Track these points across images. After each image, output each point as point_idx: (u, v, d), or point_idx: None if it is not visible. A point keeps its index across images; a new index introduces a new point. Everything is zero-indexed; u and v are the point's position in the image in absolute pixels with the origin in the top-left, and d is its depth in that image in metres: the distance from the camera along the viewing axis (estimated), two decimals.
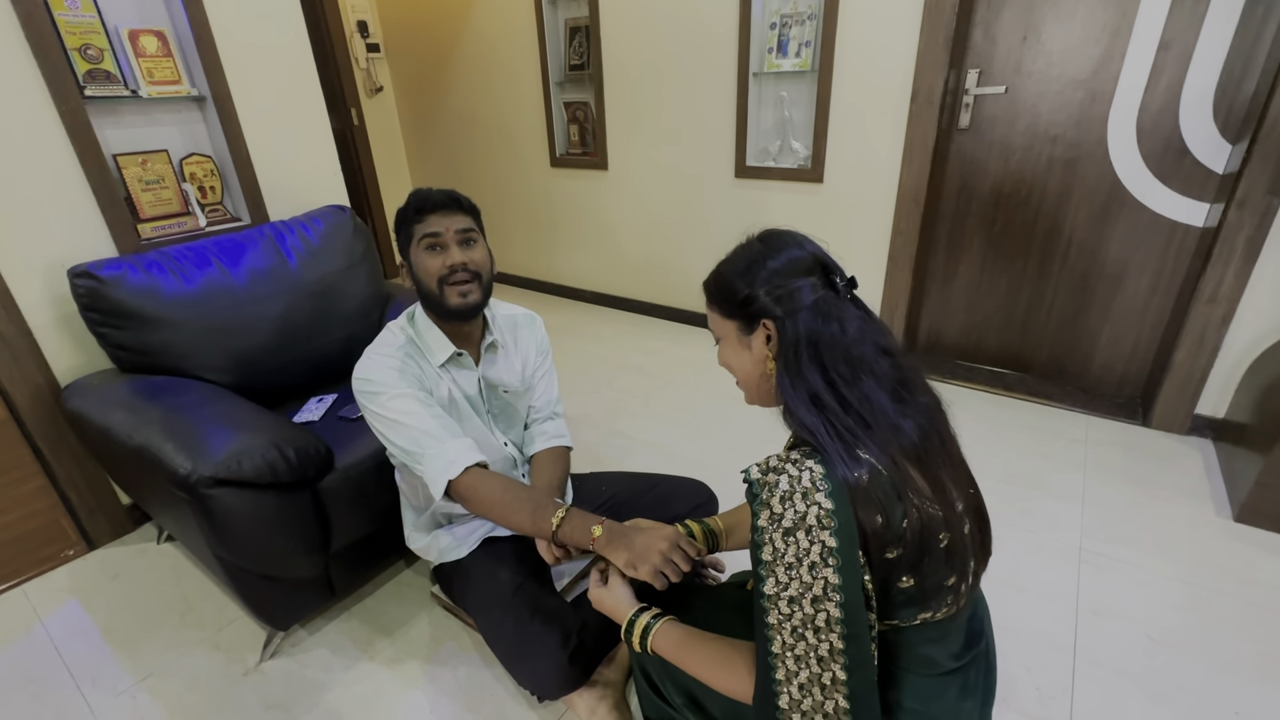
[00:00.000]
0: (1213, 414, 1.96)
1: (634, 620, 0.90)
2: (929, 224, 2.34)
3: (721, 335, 0.82)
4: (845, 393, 0.69)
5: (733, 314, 0.78)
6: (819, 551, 0.64)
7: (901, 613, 0.72)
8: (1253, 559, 1.50)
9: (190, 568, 1.61)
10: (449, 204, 1.10)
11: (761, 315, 0.74)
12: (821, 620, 0.65)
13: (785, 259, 0.75)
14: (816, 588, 0.65)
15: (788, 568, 0.66)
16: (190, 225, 1.73)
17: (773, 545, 0.66)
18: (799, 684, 0.68)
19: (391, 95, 3.82)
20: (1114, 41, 1.89)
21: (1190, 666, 1.24)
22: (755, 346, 0.77)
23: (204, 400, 1.34)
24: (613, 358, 2.76)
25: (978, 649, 0.82)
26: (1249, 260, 1.75)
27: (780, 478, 0.67)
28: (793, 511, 0.65)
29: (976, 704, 0.82)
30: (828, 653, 0.66)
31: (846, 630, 0.65)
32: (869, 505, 0.65)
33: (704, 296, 0.84)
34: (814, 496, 0.64)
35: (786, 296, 0.72)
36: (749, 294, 0.75)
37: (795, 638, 0.67)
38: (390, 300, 1.88)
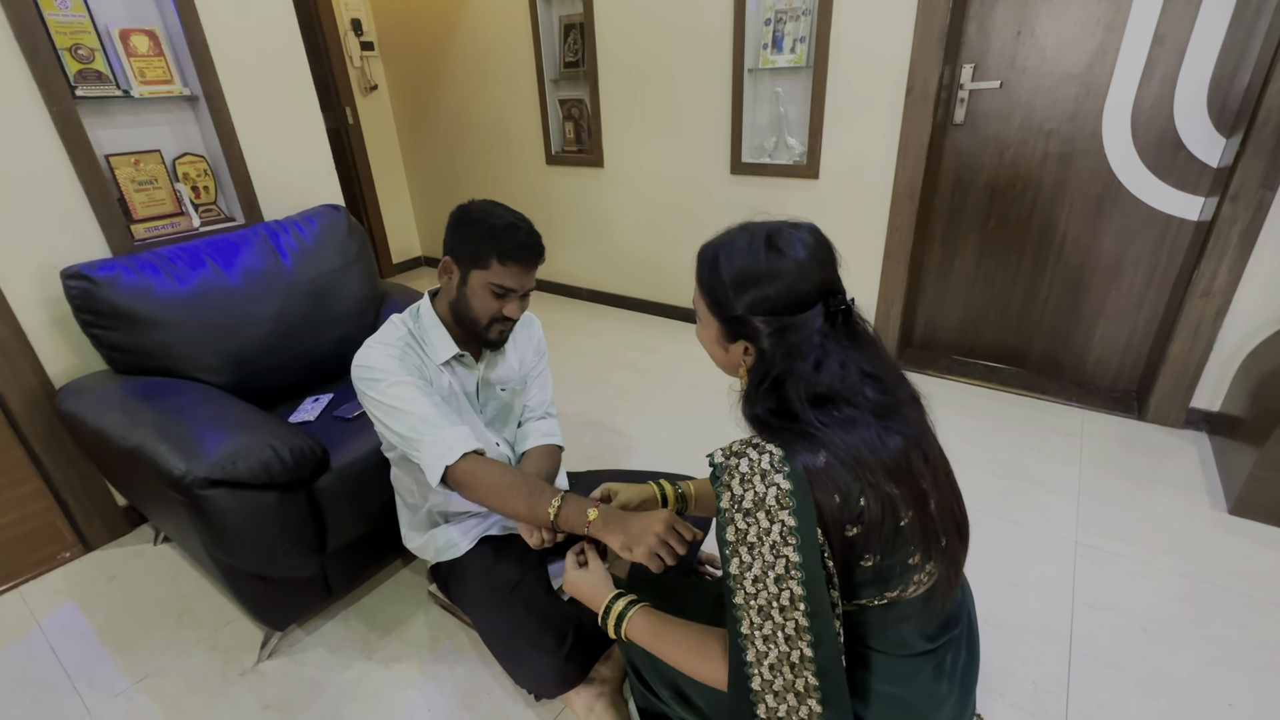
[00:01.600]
0: (1208, 407, 1.97)
1: (610, 606, 0.90)
2: (924, 219, 2.34)
3: (703, 319, 0.82)
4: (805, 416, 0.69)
5: (719, 317, 0.78)
6: (779, 531, 0.66)
7: (866, 591, 0.73)
8: (1247, 551, 1.51)
9: (187, 568, 1.61)
10: (537, 261, 1.09)
11: (746, 338, 0.76)
12: (786, 599, 0.67)
13: (785, 288, 0.72)
14: (779, 566, 0.67)
15: (750, 548, 0.68)
16: (184, 226, 1.73)
17: (735, 525, 0.69)
18: (769, 664, 0.70)
19: (386, 93, 3.81)
20: (1108, 36, 1.89)
21: (1184, 659, 1.25)
22: (732, 352, 0.79)
23: (198, 401, 1.34)
24: (609, 355, 2.76)
25: (954, 632, 0.83)
26: (1243, 253, 1.75)
27: (741, 460, 0.69)
28: (752, 493, 0.67)
29: (954, 687, 0.82)
30: (794, 630, 0.68)
31: (810, 608, 0.67)
32: (826, 486, 0.66)
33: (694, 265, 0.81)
34: (772, 478, 0.67)
35: (775, 333, 0.72)
36: (740, 316, 0.74)
37: (762, 617, 0.69)
38: (385, 299, 1.88)
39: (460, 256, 1.08)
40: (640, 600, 0.90)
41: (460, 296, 1.10)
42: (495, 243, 1.05)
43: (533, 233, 1.09)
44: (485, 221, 1.06)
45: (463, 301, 1.10)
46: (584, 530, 0.95)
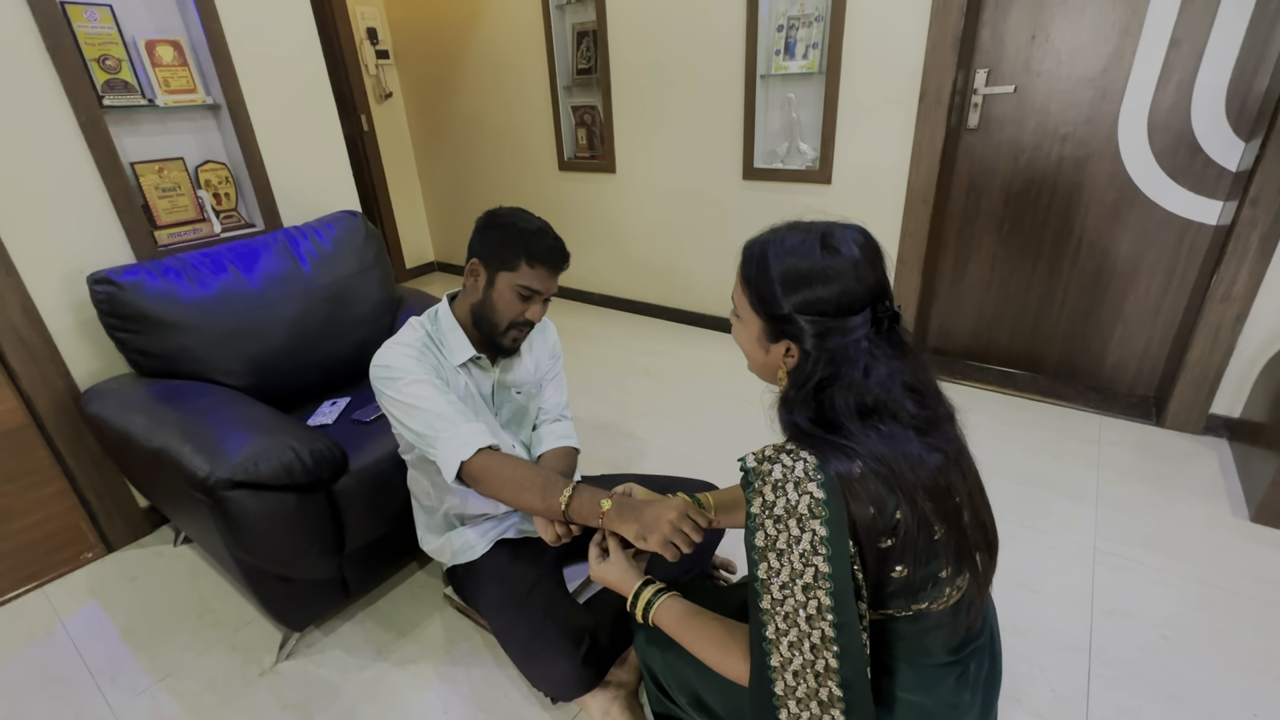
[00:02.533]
0: (1228, 413, 1.94)
1: (639, 592, 0.91)
2: (938, 224, 2.33)
3: (745, 318, 0.78)
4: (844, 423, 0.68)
5: (763, 315, 0.75)
6: (810, 540, 0.66)
7: (894, 602, 0.73)
8: (1269, 559, 1.49)
9: (207, 569, 1.63)
10: (563, 265, 1.13)
11: (791, 338, 0.73)
12: (813, 608, 0.67)
13: (839, 290, 0.70)
14: (807, 575, 0.66)
15: (779, 554, 0.67)
16: (206, 231, 1.76)
17: (764, 531, 0.68)
18: (792, 671, 0.70)
19: (401, 101, 3.86)
20: (1124, 39, 1.89)
21: (1206, 667, 1.23)
22: (773, 353, 0.77)
23: (221, 403, 1.36)
24: (621, 360, 2.77)
25: (977, 643, 0.82)
26: (1263, 258, 1.73)
27: (775, 466, 0.68)
28: (785, 500, 0.67)
29: (977, 697, 0.81)
30: (819, 640, 0.67)
31: (837, 619, 0.66)
32: (861, 496, 0.65)
33: (739, 260, 0.78)
34: (806, 486, 0.66)
35: (821, 334, 0.70)
36: (787, 315, 0.72)
37: (788, 624, 0.68)
38: (402, 304, 1.90)
39: (488, 259, 1.11)
40: (669, 589, 0.91)
41: (486, 298, 1.12)
42: (525, 245, 1.08)
43: (559, 239, 1.12)
44: (515, 225, 1.09)
45: (487, 303, 1.12)
46: (597, 521, 0.96)
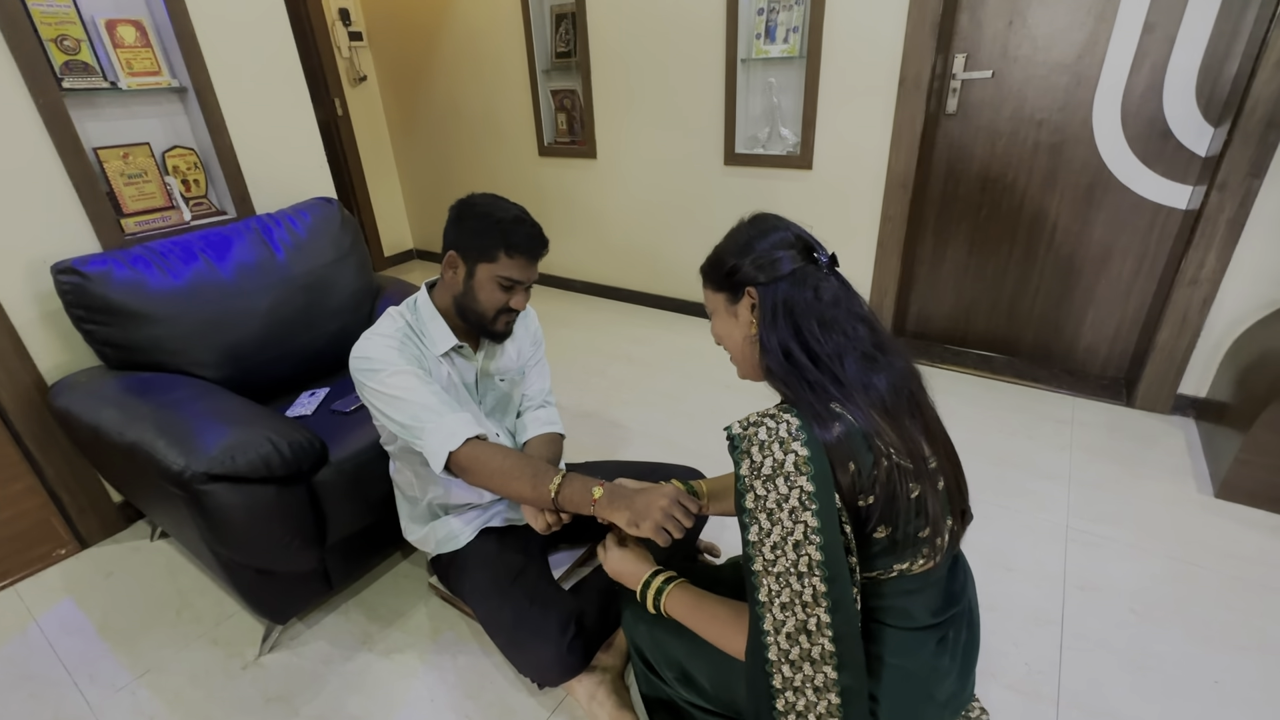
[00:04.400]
0: (1195, 393, 2.00)
1: (649, 581, 0.93)
2: (917, 209, 2.35)
3: (713, 309, 0.88)
4: (816, 349, 0.75)
5: (721, 286, 0.84)
6: (798, 496, 0.69)
7: (878, 563, 0.76)
8: (1233, 533, 1.54)
9: (185, 564, 1.61)
10: (542, 253, 1.11)
11: (745, 283, 0.80)
12: (804, 565, 0.70)
13: (772, 238, 0.81)
14: (798, 532, 0.70)
15: (769, 514, 0.71)
16: (175, 219, 1.71)
17: (754, 492, 0.72)
18: (786, 633, 0.73)
19: (375, 84, 3.77)
20: (1099, 25, 1.90)
21: (1171, 638, 1.28)
22: (741, 314, 0.83)
23: (195, 396, 1.34)
24: (604, 347, 2.76)
25: (957, 608, 0.86)
26: (1230, 242, 1.78)
27: (759, 429, 0.72)
28: (771, 459, 0.70)
29: (956, 662, 0.85)
30: (811, 597, 0.70)
31: (828, 573, 0.70)
32: (842, 456, 0.70)
33: (700, 280, 0.89)
34: (791, 445, 0.69)
35: (767, 266, 0.79)
36: (735, 264, 0.81)
37: (780, 584, 0.71)
38: (380, 293, 1.87)
39: (466, 250, 1.09)
40: (677, 577, 0.93)
41: (467, 290, 1.10)
42: (503, 236, 1.06)
43: (536, 224, 1.10)
44: (491, 215, 1.07)
45: (469, 295, 1.11)
46: (588, 509, 0.96)
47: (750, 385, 0.89)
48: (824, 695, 0.74)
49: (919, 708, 0.82)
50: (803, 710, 0.75)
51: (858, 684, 0.74)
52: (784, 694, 0.75)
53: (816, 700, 0.75)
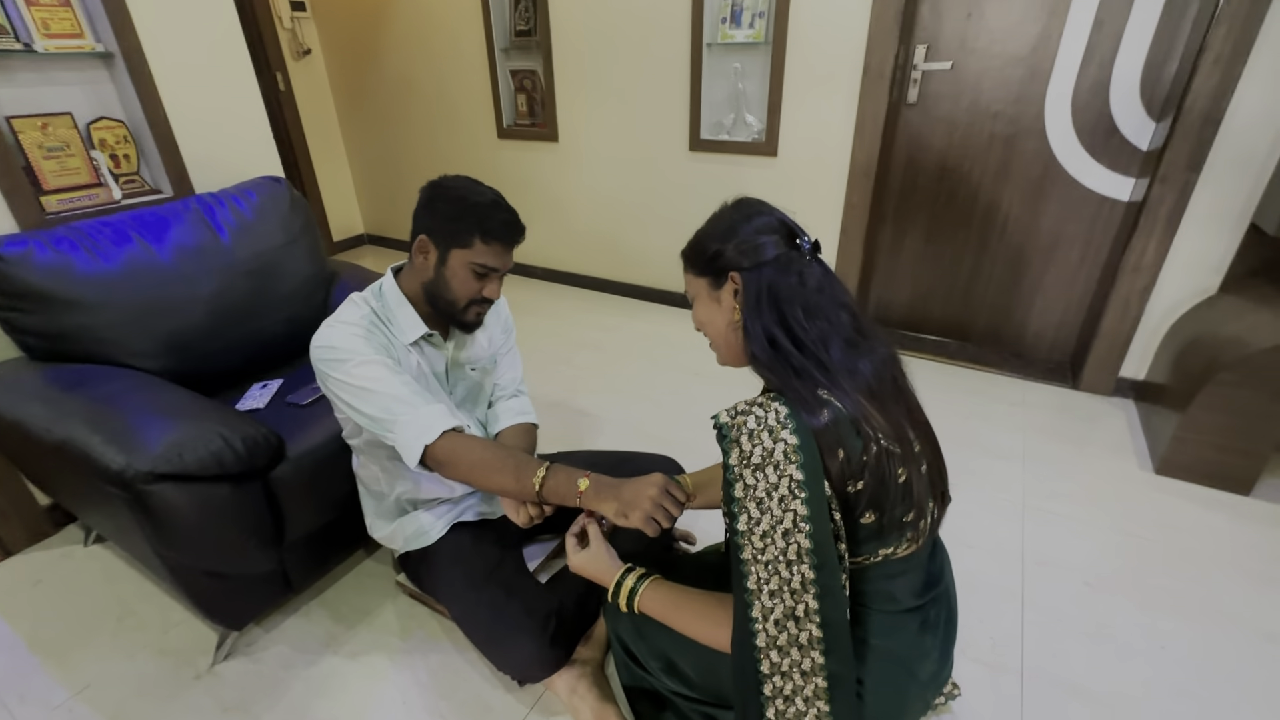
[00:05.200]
0: (1134, 376, 2.11)
1: (621, 581, 0.91)
2: (878, 198, 2.39)
3: (695, 294, 0.86)
4: (801, 335, 0.75)
5: (704, 271, 0.83)
6: (787, 485, 0.69)
7: (864, 548, 0.77)
8: (1174, 507, 1.64)
9: (124, 569, 1.50)
10: (519, 240, 1.07)
11: (729, 268, 0.79)
12: (793, 553, 0.70)
13: (757, 223, 0.81)
14: (787, 520, 0.69)
15: (758, 503, 0.70)
16: (103, 198, 1.57)
17: (743, 481, 0.71)
18: (774, 620, 0.72)
19: (321, 58, 3.57)
20: (1051, 20, 1.97)
21: (1122, 608, 1.35)
22: (724, 300, 0.82)
23: (132, 388, 1.24)
24: (568, 335, 2.72)
25: (938, 590, 0.88)
26: (1169, 232, 1.87)
27: (748, 418, 0.71)
28: (760, 448, 0.70)
29: (937, 641, 0.87)
30: (800, 584, 0.71)
31: (817, 560, 0.70)
32: (831, 443, 0.70)
33: (682, 264, 0.88)
34: (780, 434, 0.69)
35: (751, 251, 0.78)
36: (718, 249, 0.80)
37: (769, 572, 0.71)
38: (335, 279, 1.77)
39: (439, 235, 1.03)
40: (650, 574, 0.91)
41: (438, 277, 1.05)
42: (479, 221, 1.01)
43: (513, 210, 1.06)
44: (466, 199, 1.02)
45: (441, 282, 1.05)
46: (574, 501, 0.93)
47: (719, 372, 0.88)
48: (811, 679, 0.75)
49: (903, 687, 0.84)
50: (790, 694, 0.76)
51: (844, 668, 0.74)
52: (771, 679, 0.75)
53: (804, 684, 0.75)
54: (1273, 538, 1.53)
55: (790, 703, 0.76)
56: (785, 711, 0.76)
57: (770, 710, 0.77)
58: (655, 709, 1.08)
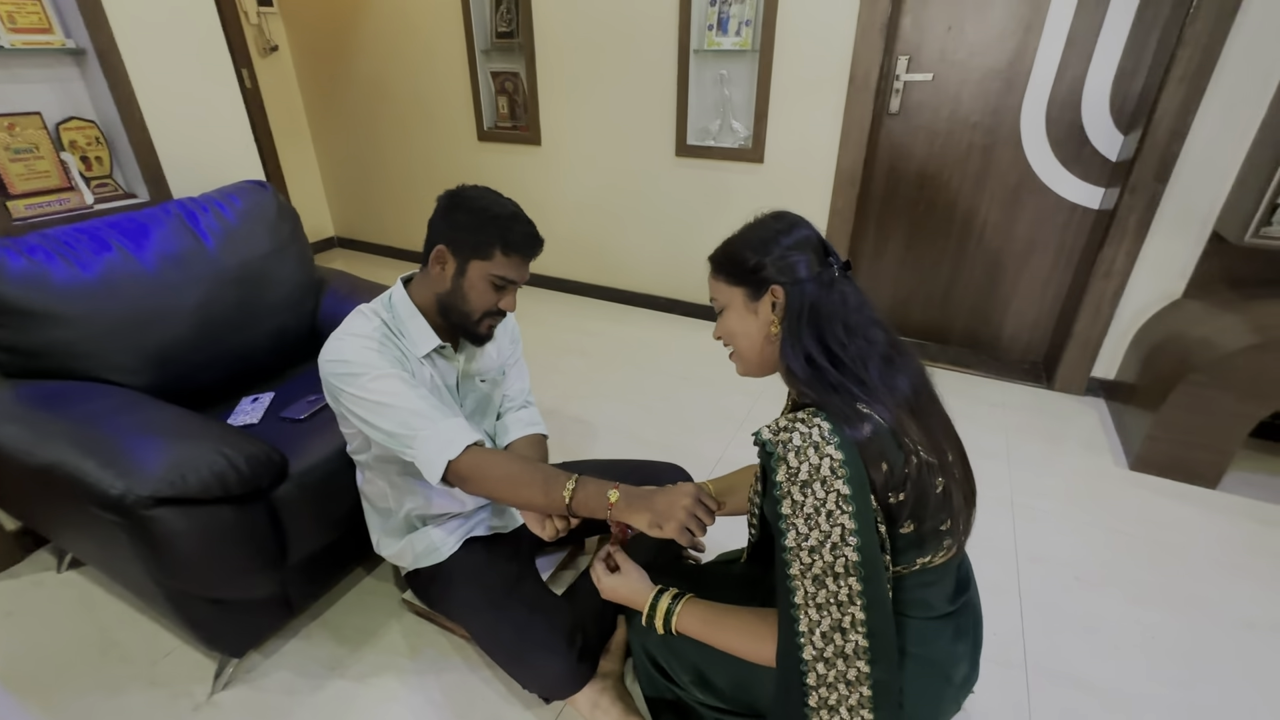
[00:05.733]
0: (1105, 376, 2.21)
1: (655, 603, 0.90)
2: (862, 204, 2.45)
3: (727, 303, 0.86)
4: (839, 353, 0.76)
5: (742, 280, 0.83)
6: (834, 500, 0.70)
7: (904, 557, 0.78)
8: (1149, 501, 1.73)
9: (104, 596, 1.41)
10: (538, 252, 1.05)
11: (770, 282, 0.80)
12: (840, 566, 0.71)
13: (797, 236, 0.82)
14: (835, 535, 0.70)
15: (806, 518, 0.71)
16: (75, 202, 1.48)
17: (791, 498, 0.71)
18: (821, 633, 0.73)
19: (289, 56, 3.45)
20: (1027, 35, 2.05)
21: (1111, 600, 1.41)
22: (761, 312, 0.82)
23: (120, 407, 1.17)
24: (554, 341, 2.69)
25: (967, 595, 0.90)
26: (1138, 239, 1.97)
27: (792, 435, 0.71)
28: (807, 465, 0.70)
29: (969, 647, 0.89)
30: (847, 597, 0.71)
31: (864, 572, 0.71)
32: (874, 456, 0.71)
33: (709, 267, 0.89)
34: (825, 450, 0.70)
35: (793, 267, 0.79)
36: (759, 262, 0.80)
37: (816, 585, 0.72)
38: (325, 287, 1.72)
39: (459, 246, 1.01)
40: (683, 593, 0.90)
41: (456, 288, 1.03)
42: (500, 233, 0.99)
43: (532, 222, 1.04)
44: (488, 210, 1.00)
45: (458, 293, 1.03)
46: (604, 514, 0.92)
47: (708, 377, 0.89)
48: (856, 689, 0.75)
49: (940, 692, 0.85)
50: (835, 704, 0.76)
51: (889, 676, 0.75)
52: (817, 690, 0.76)
53: (848, 694, 0.76)
54: (1241, 529, 1.63)
55: (835, 712, 0.77)
56: None
57: None
58: (679, 718, 1.08)
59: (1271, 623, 1.36)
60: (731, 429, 2.04)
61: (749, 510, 0.95)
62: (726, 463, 1.85)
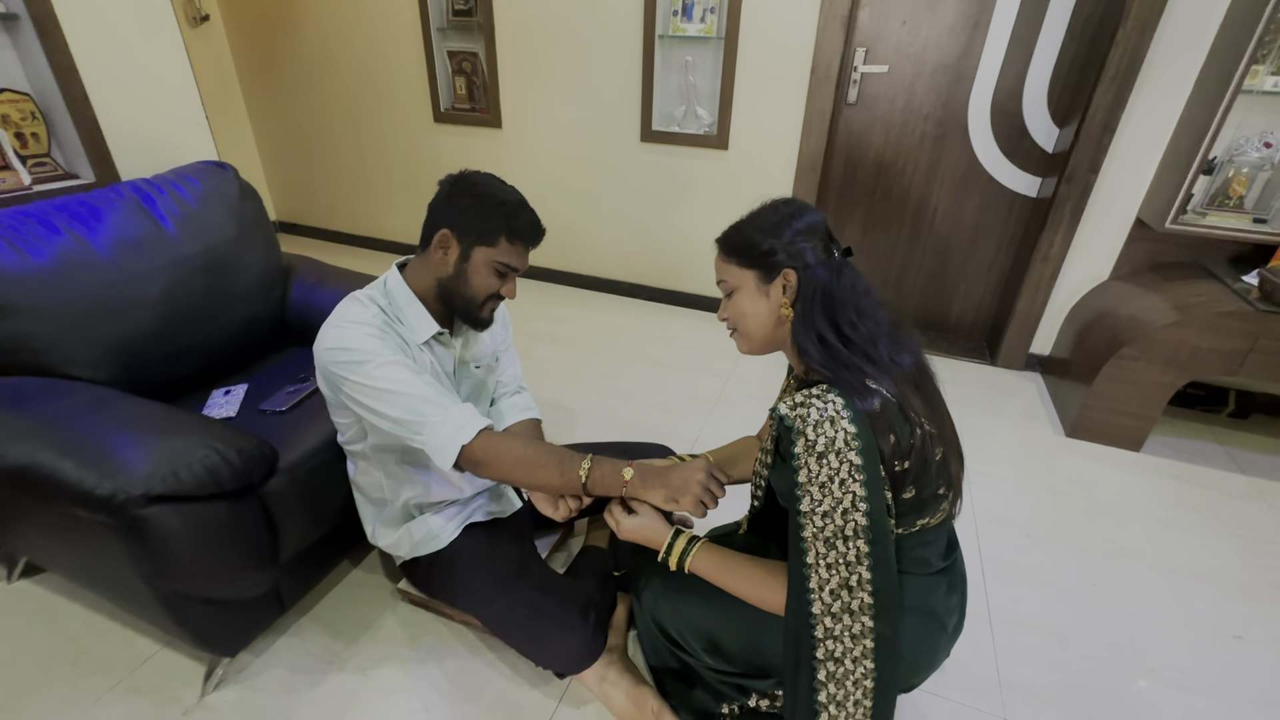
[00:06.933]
0: (1041, 352, 2.40)
1: (672, 543, 0.95)
2: (822, 191, 2.54)
3: (738, 285, 0.90)
4: (849, 334, 0.82)
5: (754, 263, 0.87)
6: (847, 469, 0.76)
7: (905, 520, 0.85)
8: (1084, 464, 1.90)
9: (67, 605, 1.33)
10: (540, 241, 1.06)
11: (783, 266, 0.84)
12: (850, 530, 0.77)
13: (807, 221, 0.86)
14: (846, 501, 0.76)
15: (821, 486, 0.77)
16: (11, 183, 1.37)
17: (807, 468, 0.77)
18: (830, 590, 0.80)
19: (221, 27, 3.22)
20: (975, 32, 2.17)
21: (1058, 555, 1.56)
22: (773, 295, 0.87)
23: (89, 404, 1.10)
24: (523, 327, 2.66)
25: (956, 553, 0.99)
26: (1073, 225, 2.14)
27: (809, 410, 0.77)
28: (823, 437, 0.76)
29: (958, 598, 0.99)
30: (855, 557, 0.78)
31: (872, 535, 0.77)
32: (883, 428, 0.77)
33: (718, 250, 0.92)
34: (840, 423, 0.75)
35: (804, 252, 0.84)
36: (771, 246, 0.84)
37: (827, 547, 0.78)
38: (292, 274, 1.65)
39: (463, 231, 1.00)
40: (697, 537, 0.95)
41: (459, 273, 1.02)
42: (507, 220, 0.99)
43: (534, 211, 1.05)
44: (494, 196, 0.99)
45: (460, 279, 1.02)
46: (620, 491, 0.94)
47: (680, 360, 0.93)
48: (860, 641, 0.82)
49: (934, 640, 0.94)
50: (840, 656, 0.83)
51: (891, 630, 0.82)
52: (824, 642, 0.82)
53: (853, 646, 0.83)
54: (1161, 486, 1.82)
55: (840, 663, 0.83)
56: (835, 672, 0.84)
57: (822, 672, 0.84)
58: (685, 685, 1.13)
59: (1192, 566, 1.54)
60: (705, 410, 2.10)
61: (753, 480, 1.00)
62: (703, 443, 1.91)
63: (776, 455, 0.85)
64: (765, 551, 1.02)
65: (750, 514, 1.05)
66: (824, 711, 0.83)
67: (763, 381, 2.27)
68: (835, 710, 0.83)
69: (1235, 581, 1.50)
